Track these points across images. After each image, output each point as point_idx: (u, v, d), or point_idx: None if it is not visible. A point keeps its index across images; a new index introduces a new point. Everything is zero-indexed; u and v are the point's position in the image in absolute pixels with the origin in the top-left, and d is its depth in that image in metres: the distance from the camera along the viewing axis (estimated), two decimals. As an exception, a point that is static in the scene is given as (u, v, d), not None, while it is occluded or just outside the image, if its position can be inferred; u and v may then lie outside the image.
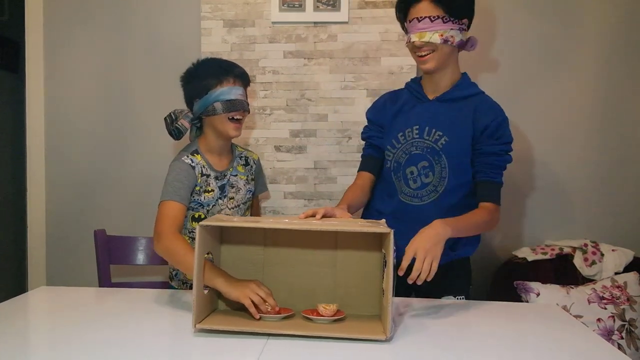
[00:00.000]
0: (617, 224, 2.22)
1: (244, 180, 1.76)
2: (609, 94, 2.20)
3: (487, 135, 1.52)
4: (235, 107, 1.60)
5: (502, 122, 1.53)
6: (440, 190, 1.55)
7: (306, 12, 2.12)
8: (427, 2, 1.48)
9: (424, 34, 1.49)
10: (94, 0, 2.25)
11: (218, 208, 1.67)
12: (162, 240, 1.46)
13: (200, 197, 1.64)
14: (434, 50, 1.50)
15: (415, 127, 1.58)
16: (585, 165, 2.22)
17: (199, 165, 1.63)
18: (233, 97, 1.60)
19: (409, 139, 1.58)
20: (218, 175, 1.68)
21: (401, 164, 1.59)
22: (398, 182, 1.60)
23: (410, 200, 1.58)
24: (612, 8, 2.17)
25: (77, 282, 2.25)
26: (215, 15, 2.16)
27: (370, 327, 1.18)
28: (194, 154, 1.64)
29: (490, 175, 1.53)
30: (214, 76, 1.61)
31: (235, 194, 1.72)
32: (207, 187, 1.65)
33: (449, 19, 1.48)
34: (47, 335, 1.17)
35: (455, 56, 1.57)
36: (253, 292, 1.21)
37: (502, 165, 1.55)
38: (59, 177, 2.30)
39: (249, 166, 1.80)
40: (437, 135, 1.55)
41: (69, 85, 2.28)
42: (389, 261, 1.12)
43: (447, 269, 1.48)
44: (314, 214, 1.32)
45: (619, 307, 1.87)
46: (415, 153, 1.57)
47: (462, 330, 1.25)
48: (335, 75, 2.15)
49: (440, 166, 1.54)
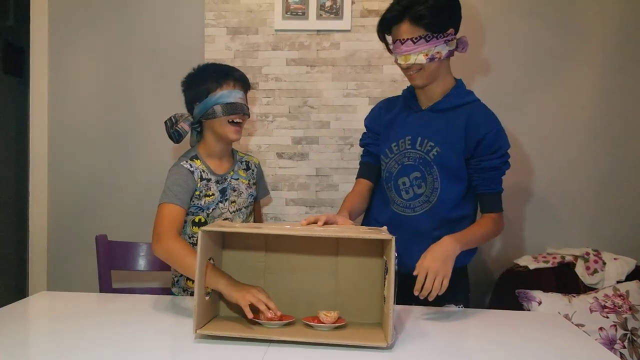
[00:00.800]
0: (619, 232, 2.22)
1: (246, 184, 1.76)
2: (609, 99, 2.20)
3: (484, 149, 1.50)
4: (235, 110, 1.61)
5: (497, 134, 1.51)
6: (432, 201, 1.53)
7: (309, 20, 2.14)
8: (408, 24, 1.44)
9: (408, 57, 1.46)
10: (99, 6, 2.26)
11: (219, 212, 1.67)
12: (161, 242, 1.45)
13: (201, 202, 1.64)
14: (422, 68, 1.48)
15: (408, 138, 1.56)
16: (586, 172, 2.22)
17: (197, 170, 1.64)
18: (233, 100, 1.61)
19: (401, 150, 1.57)
20: (219, 179, 1.68)
21: (393, 174, 1.58)
22: (390, 192, 1.60)
23: (402, 211, 1.57)
24: (612, 11, 2.17)
25: (78, 287, 2.25)
26: (218, 22, 2.17)
27: (372, 334, 1.18)
28: (193, 159, 1.66)
29: (492, 187, 1.54)
30: (215, 80, 1.63)
31: (237, 198, 1.72)
32: (208, 191, 1.65)
33: (432, 36, 1.44)
34: (47, 341, 1.17)
35: (446, 65, 1.54)
36: (253, 296, 1.20)
37: (502, 175, 1.55)
38: (61, 182, 2.30)
39: (250, 170, 1.81)
40: (429, 146, 1.53)
41: (73, 90, 2.29)
42: (391, 268, 1.12)
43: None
44: (315, 221, 1.32)
45: (621, 316, 1.86)
46: (408, 164, 1.56)
47: (464, 338, 1.24)
48: (338, 83, 2.16)
49: (432, 177, 1.53)
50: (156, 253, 1.47)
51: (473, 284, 1.69)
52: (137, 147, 2.29)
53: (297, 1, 2.14)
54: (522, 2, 2.19)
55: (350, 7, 2.12)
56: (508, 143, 1.54)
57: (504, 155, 1.53)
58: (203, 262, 1.18)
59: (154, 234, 1.49)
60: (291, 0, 2.14)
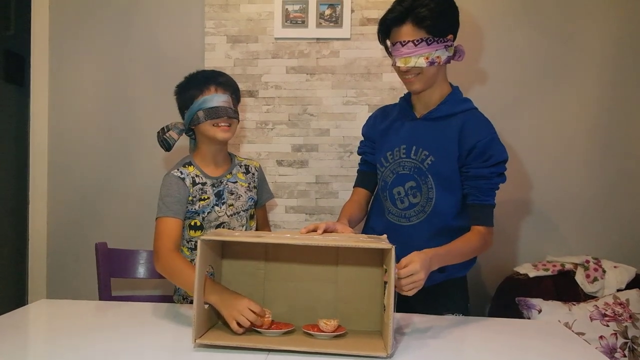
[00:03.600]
0: (619, 240, 2.21)
1: (245, 187, 1.75)
2: (610, 107, 2.20)
3: (475, 157, 1.46)
4: (217, 114, 1.60)
5: (490, 142, 1.46)
6: (428, 210, 1.52)
7: (309, 29, 2.15)
8: (410, 26, 1.43)
9: (409, 59, 1.44)
10: (99, 15, 2.28)
11: (215, 215, 1.66)
12: (160, 259, 1.49)
13: (195, 206, 1.63)
14: (420, 72, 1.46)
15: (403, 147, 1.55)
16: (586, 180, 2.22)
17: (189, 176, 1.64)
18: (215, 104, 1.61)
19: (396, 158, 1.56)
20: (214, 182, 1.68)
21: (388, 183, 1.57)
22: (385, 201, 1.59)
23: (397, 221, 1.56)
24: (613, 18, 2.18)
25: (78, 295, 2.25)
26: (219, 31, 2.18)
27: (371, 343, 1.18)
28: (185, 166, 1.66)
29: (480, 198, 1.47)
30: (197, 86, 1.65)
31: (235, 201, 1.70)
32: (203, 195, 1.64)
33: (433, 39, 1.43)
34: (46, 349, 1.16)
35: (443, 72, 1.53)
36: (240, 314, 1.21)
37: (493, 187, 1.49)
38: (61, 190, 2.30)
39: (250, 174, 1.79)
40: (424, 155, 1.51)
41: (73, 98, 2.30)
42: (390, 277, 1.11)
43: (441, 289, 1.47)
44: (315, 229, 1.32)
45: (621, 325, 1.86)
46: (402, 173, 1.54)
47: (464, 347, 1.24)
48: (337, 91, 2.17)
49: (427, 187, 1.51)
50: (157, 270, 1.51)
51: (473, 291, 1.68)
52: (137, 155, 2.29)
53: (297, 10, 2.15)
54: (520, 11, 2.20)
55: (349, 16, 2.13)
56: (503, 154, 1.48)
57: (497, 165, 1.47)
58: (202, 271, 1.17)
59: (153, 252, 1.52)
60: (291, 9, 2.15)
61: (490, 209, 1.49)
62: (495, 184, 1.48)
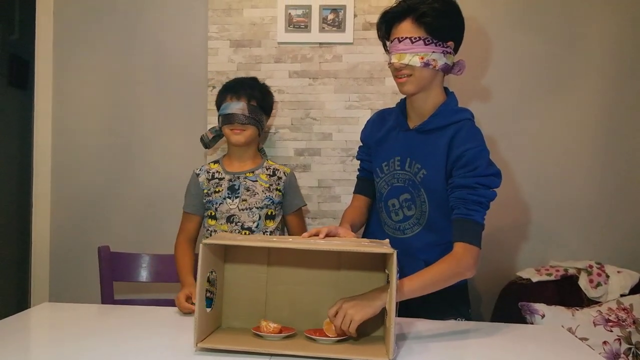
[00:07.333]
0: (622, 245, 2.21)
1: (264, 187, 1.83)
2: (612, 113, 2.20)
3: (460, 166, 1.38)
4: (230, 120, 1.80)
5: (478, 153, 1.38)
6: (422, 223, 1.49)
7: (312, 33, 2.15)
8: (409, 22, 1.40)
9: (403, 56, 1.40)
10: (103, 20, 2.29)
11: (226, 207, 1.81)
12: (174, 249, 1.81)
13: (210, 197, 1.83)
14: (413, 73, 1.41)
15: (397, 158, 1.52)
16: (590, 185, 2.22)
17: (206, 172, 1.86)
18: (229, 111, 1.80)
19: (391, 170, 1.53)
20: (231, 177, 1.84)
21: (383, 194, 1.55)
22: (381, 213, 1.57)
23: (393, 233, 1.53)
24: (616, 24, 2.18)
25: (81, 299, 2.25)
26: (222, 35, 2.19)
27: (374, 348, 1.18)
28: (210, 163, 1.91)
29: (464, 212, 1.35)
30: (221, 94, 1.87)
31: (249, 197, 1.81)
32: (217, 187, 1.83)
33: (431, 40, 1.39)
34: (49, 352, 1.16)
35: (439, 80, 1.47)
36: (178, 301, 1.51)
37: (480, 201, 1.36)
38: (64, 193, 2.31)
39: (275, 177, 1.87)
40: (417, 167, 1.47)
41: (77, 102, 2.31)
42: (392, 282, 1.11)
43: (442, 294, 1.45)
44: (317, 233, 1.32)
45: (625, 330, 1.85)
46: (397, 185, 1.51)
47: (466, 352, 1.24)
48: (340, 95, 2.17)
49: (420, 200, 1.47)
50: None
51: (475, 295, 1.68)
52: (140, 159, 2.30)
53: (300, 14, 2.16)
54: (522, 17, 2.20)
55: (352, 20, 2.13)
56: (494, 169, 1.39)
57: (483, 177, 1.36)
58: (204, 275, 1.18)
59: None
60: (294, 14, 2.16)
61: (475, 225, 1.35)
62: (482, 197, 1.36)
